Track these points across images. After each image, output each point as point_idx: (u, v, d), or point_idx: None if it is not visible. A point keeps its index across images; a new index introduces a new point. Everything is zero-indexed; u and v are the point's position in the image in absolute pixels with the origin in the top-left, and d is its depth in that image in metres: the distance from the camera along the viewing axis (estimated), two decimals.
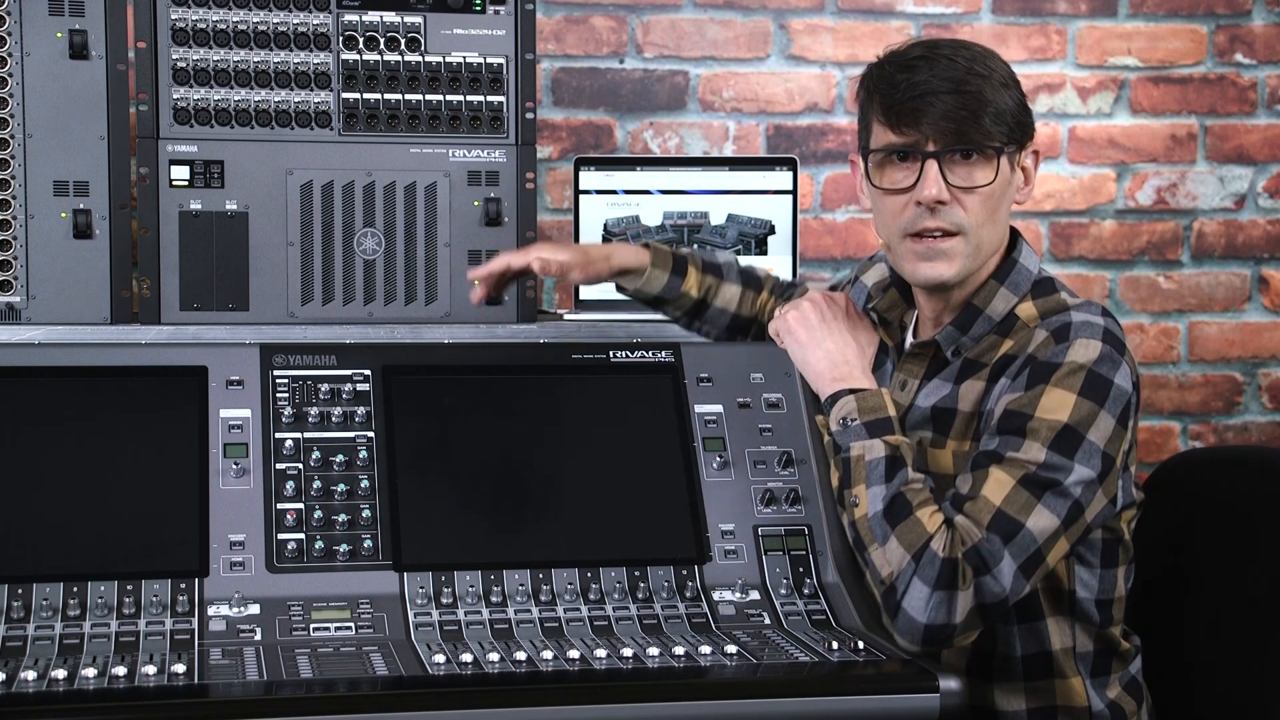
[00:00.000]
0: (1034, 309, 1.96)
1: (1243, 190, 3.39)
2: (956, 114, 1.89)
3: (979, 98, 1.90)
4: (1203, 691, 2.15)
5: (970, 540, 1.80)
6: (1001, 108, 1.92)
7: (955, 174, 1.92)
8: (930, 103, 1.90)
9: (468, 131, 2.51)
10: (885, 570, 1.82)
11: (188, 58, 2.44)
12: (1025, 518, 1.81)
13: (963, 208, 1.92)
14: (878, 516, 1.84)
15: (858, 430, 1.91)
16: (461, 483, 2.00)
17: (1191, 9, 3.34)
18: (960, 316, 1.98)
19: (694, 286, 2.28)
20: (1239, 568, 2.14)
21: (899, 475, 1.86)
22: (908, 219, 1.94)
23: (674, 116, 3.19)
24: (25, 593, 1.83)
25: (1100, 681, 1.98)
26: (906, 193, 1.93)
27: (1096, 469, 1.84)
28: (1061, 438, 1.83)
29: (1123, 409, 1.86)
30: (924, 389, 2.01)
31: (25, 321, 2.41)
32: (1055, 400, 1.84)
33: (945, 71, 1.90)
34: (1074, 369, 1.85)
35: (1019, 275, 1.98)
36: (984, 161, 1.92)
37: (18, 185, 2.40)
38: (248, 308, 2.46)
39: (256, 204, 2.46)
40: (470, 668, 1.72)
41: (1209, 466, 2.33)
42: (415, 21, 2.49)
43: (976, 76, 1.91)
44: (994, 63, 1.94)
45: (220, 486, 1.94)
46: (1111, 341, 1.88)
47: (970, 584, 1.79)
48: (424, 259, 2.50)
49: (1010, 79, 1.95)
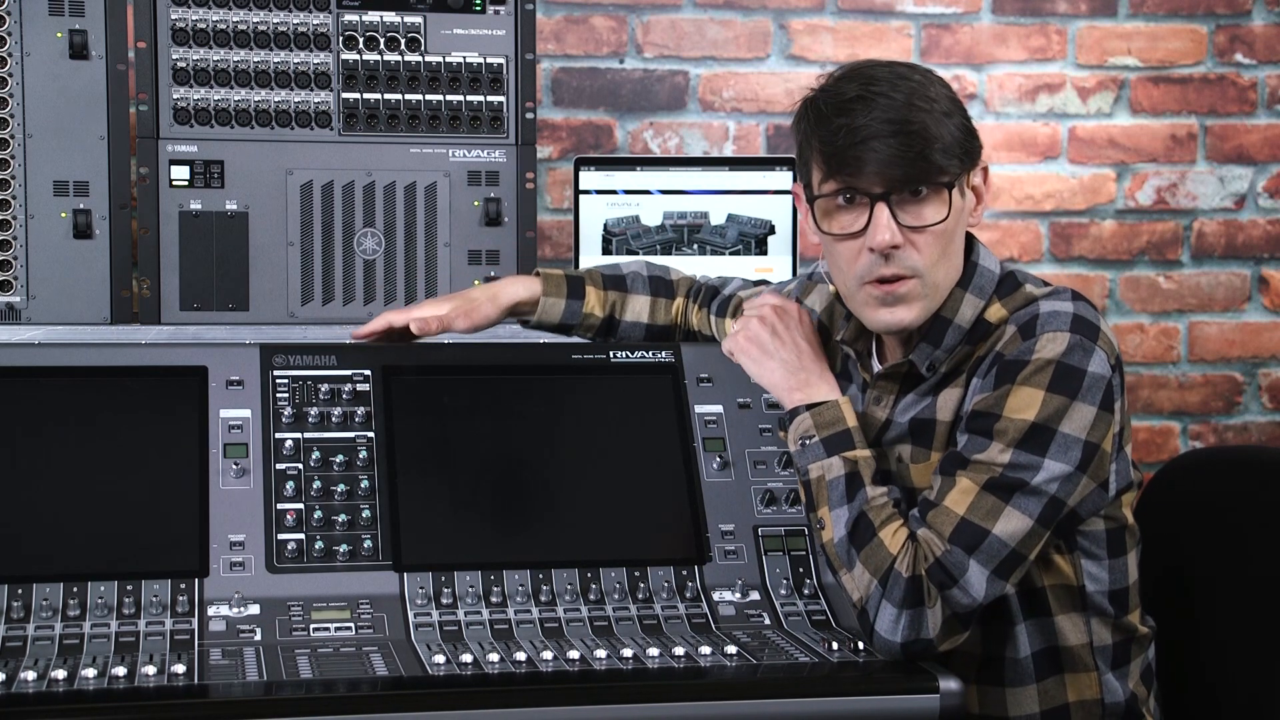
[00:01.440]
0: (1002, 309, 1.91)
1: (1243, 190, 3.39)
2: (902, 157, 1.80)
3: (923, 135, 1.80)
4: (1206, 691, 2.15)
5: (932, 555, 1.78)
6: (948, 140, 1.82)
7: (906, 214, 1.84)
8: (873, 148, 1.80)
9: (468, 131, 2.51)
10: (855, 595, 1.81)
11: (188, 58, 2.44)
12: (992, 524, 1.78)
13: (915, 249, 1.84)
14: (843, 542, 1.82)
15: (815, 449, 1.87)
16: (461, 483, 2.00)
17: (1191, 9, 3.34)
18: (931, 332, 1.92)
19: (596, 305, 2.21)
20: (1242, 568, 2.14)
21: (859, 495, 1.84)
22: (863, 268, 1.86)
23: (674, 116, 3.19)
24: (25, 593, 1.83)
25: (1121, 672, 1.96)
26: (857, 238, 1.85)
27: (1074, 461, 1.80)
28: (1030, 437, 1.79)
29: (1103, 394, 1.82)
30: (900, 403, 1.97)
31: (25, 321, 2.41)
32: (1022, 399, 1.80)
33: (884, 112, 1.80)
34: (1040, 365, 1.81)
35: (982, 278, 1.92)
36: (935, 197, 1.84)
37: (18, 185, 2.40)
38: (248, 308, 2.46)
39: (256, 204, 2.46)
40: (470, 668, 1.72)
41: (1211, 467, 2.32)
42: (415, 21, 2.49)
43: (918, 111, 1.81)
44: (934, 90, 1.85)
45: (220, 486, 1.94)
46: (1081, 329, 1.83)
47: (936, 599, 1.77)
48: (424, 259, 2.50)
49: (952, 104, 1.86)
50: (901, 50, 3.26)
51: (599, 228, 2.78)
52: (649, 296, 2.26)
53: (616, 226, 2.78)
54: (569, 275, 2.22)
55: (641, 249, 2.77)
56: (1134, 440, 3.37)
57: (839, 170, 1.84)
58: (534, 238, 2.53)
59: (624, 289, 2.25)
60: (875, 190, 1.83)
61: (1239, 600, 2.13)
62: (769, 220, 2.78)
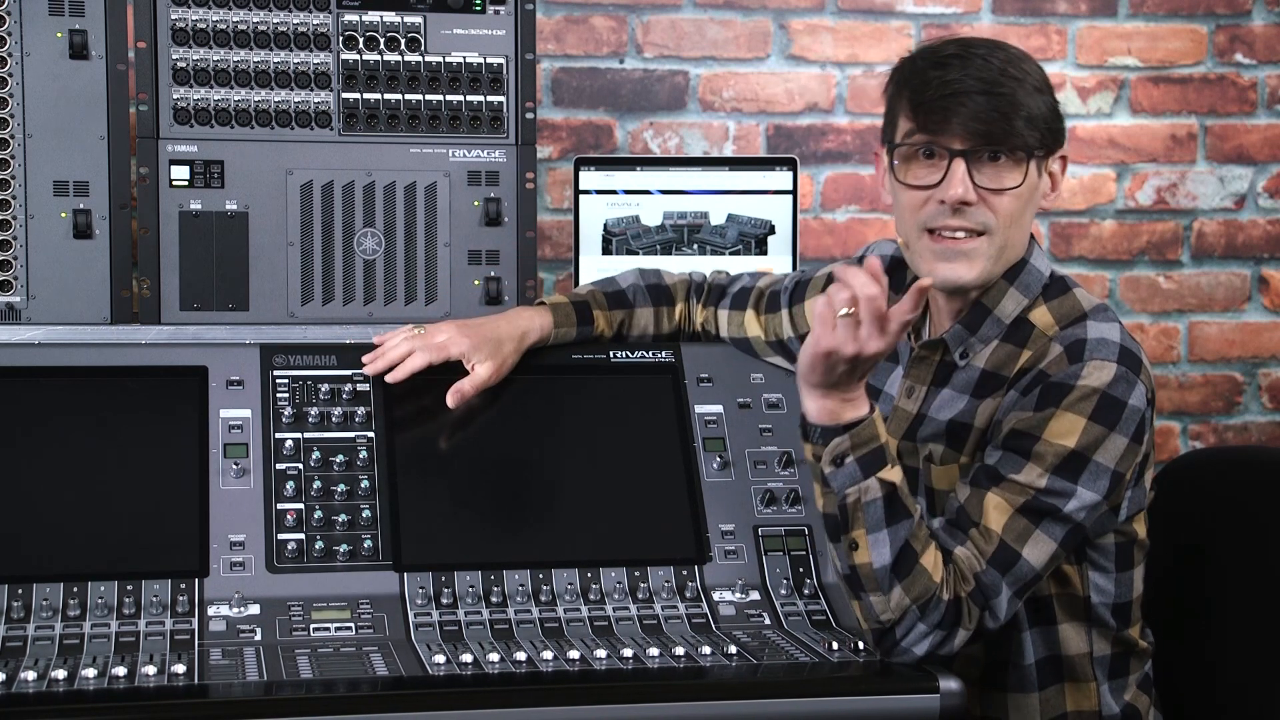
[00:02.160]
0: (1049, 315, 1.93)
1: (1243, 190, 3.39)
2: (987, 115, 1.86)
3: (1011, 100, 1.86)
4: (1209, 692, 2.15)
5: (971, 575, 1.79)
6: (1034, 112, 1.88)
7: (983, 175, 1.88)
8: (961, 102, 1.86)
9: (468, 131, 2.51)
10: (885, 615, 1.78)
11: (188, 58, 2.44)
12: (1022, 547, 1.79)
13: (989, 208, 1.88)
14: (884, 569, 1.77)
15: (851, 471, 1.77)
16: (461, 483, 2.00)
17: (1191, 9, 3.34)
18: (969, 316, 1.94)
19: (605, 328, 2.21)
20: (1242, 568, 2.14)
21: (902, 523, 1.77)
22: (928, 214, 1.89)
23: (674, 116, 3.19)
24: (25, 593, 1.83)
25: (1118, 684, 1.97)
26: (931, 189, 1.89)
27: (1103, 491, 1.82)
28: (1067, 463, 1.80)
29: (1137, 426, 1.84)
30: (936, 399, 1.96)
31: (25, 321, 2.41)
32: (1065, 425, 1.81)
33: (979, 71, 1.86)
34: (1087, 393, 1.81)
35: (1029, 277, 1.95)
36: (1013, 164, 1.88)
37: (18, 185, 2.40)
38: (248, 308, 2.46)
39: (256, 204, 2.46)
40: (470, 668, 1.72)
41: (1211, 467, 2.33)
42: (415, 21, 2.49)
43: (1010, 79, 1.87)
44: (1029, 66, 1.91)
45: (220, 486, 1.94)
46: (1127, 361, 1.85)
47: (973, 623, 1.79)
48: (424, 259, 2.50)
49: (1044, 84, 1.91)
50: (901, 50, 3.25)
51: (599, 228, 2.78)
52: (652, 308, 2.26)
53: (616, 226, 2.78)
54: (574, 302, 2.20)
55: (641, 249, 2.76)
56: None
57: (926, 121, 1.88)
58: (534, 238, 2.53)
59: (627, 305, 2.24)
60: (956, 146, 1.87)
61: (1239, 599, 2.13)
62: (769, 220, 2.78)
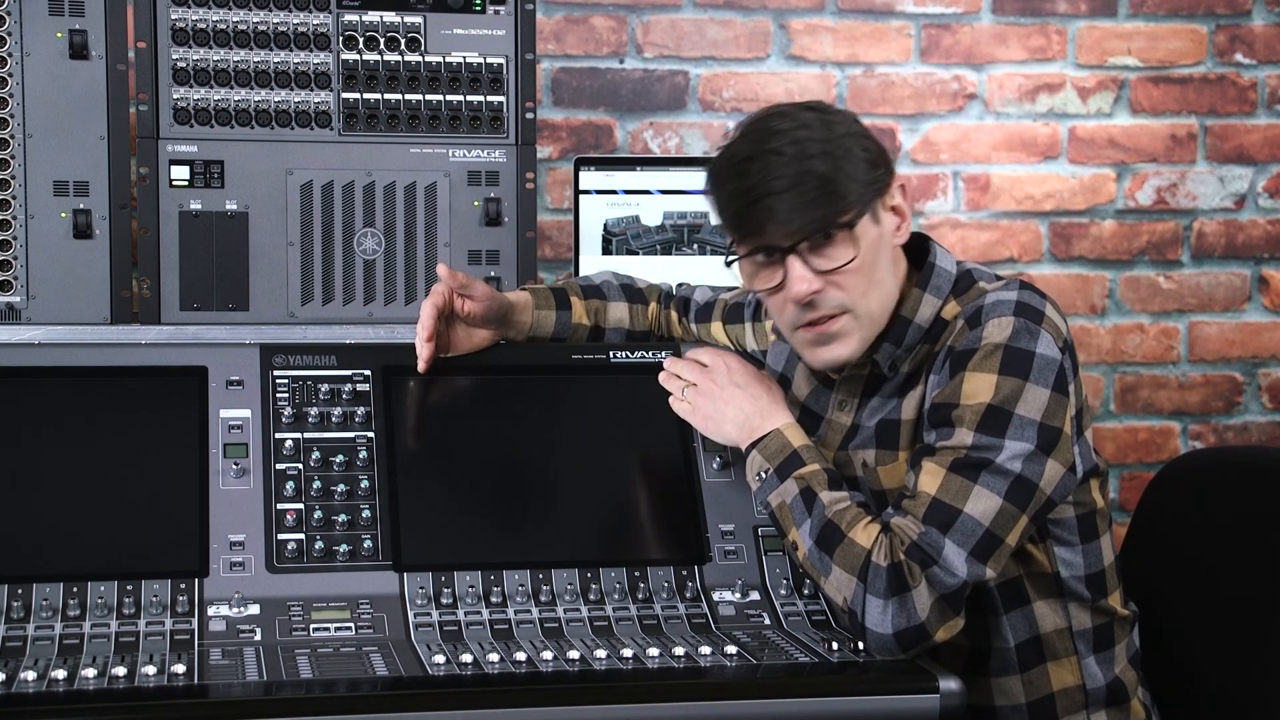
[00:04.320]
0: (956, 306, 1.94)
1: (1243, 190, 3.39)
2: (800, 210, 1.82)
3: (819, 184, 1.82)
4: (1205, 692, 2.15)
5: (908, 538, 1.79)
6: (846, 181, 1.83)
7: (820, 258, 1.86)
8: (768, 207, 1.82)
9: (468, 131, 2.51)
10: (839, 597, 1.82)
11: (188, 58, 2.44)
12: (962, 503, 1.79)
13: (839, 288, 1.87)
14: (813, 550, 1.84)
15: (771, 481, 1.90)
16: (461, 483, 2.00)
17: (1191, 9, 3.34)
18: (892, 332, 1.94)
19: (583, 315, 2.23)
20: (1242, 568, 2.14)
21: (815, 503, 1.85)
22: (791, 316, 1.90)
23: (674, 116, 3.19)
24: (25, 593, 1.83)
25: (1105, 656, 1.97)
26: (780, 291, 1.88)
27: (1033, 441, 1.81)
28: (988, 418, 1.81)
29: (1056, 376, 1.84)
30: (866, 409, 1.99)
31: (25, 321, 2.41)
32: (976, 384, 1.83)
33: (776, 169, 1.82)
34: (989, 350, 1.83)
35: (939, 278, 1.95)
36: (845, 236, 1.86)
37: (18, 185, 2.40)
38: (248, 308, 2.46)
39: (256, 204, 2.46)
40: (470, 668, 1.72)
41: (1211, 467, 2.33)
42: (415, 21, 2.49)
43: (810, 159, 1.82)
44: (833, 128, 1.86)
45: (220, 487, 1.94)
46: (1024, 313, 1.85)
47: (920, 579, 1.77)
48: (424, 259, 2.50)
49: (851, 135, 1.87)
50: (901, 50, 3.26)
51: (599, 228, 2.78)
52: (626, 303, 2.28)
53: (616, 226, 2.78)
54: (552, 288, 2.24)
55: (641, 249, 2.77)
56: (1134, 440, 3.38)
57: (743, 232, 1.88)
58: (534, 238, 2.53)
59: (602, 297, 2.27)
60: (782, 245, 1.86)
61: (1239, 600, 2.13)
62: None
